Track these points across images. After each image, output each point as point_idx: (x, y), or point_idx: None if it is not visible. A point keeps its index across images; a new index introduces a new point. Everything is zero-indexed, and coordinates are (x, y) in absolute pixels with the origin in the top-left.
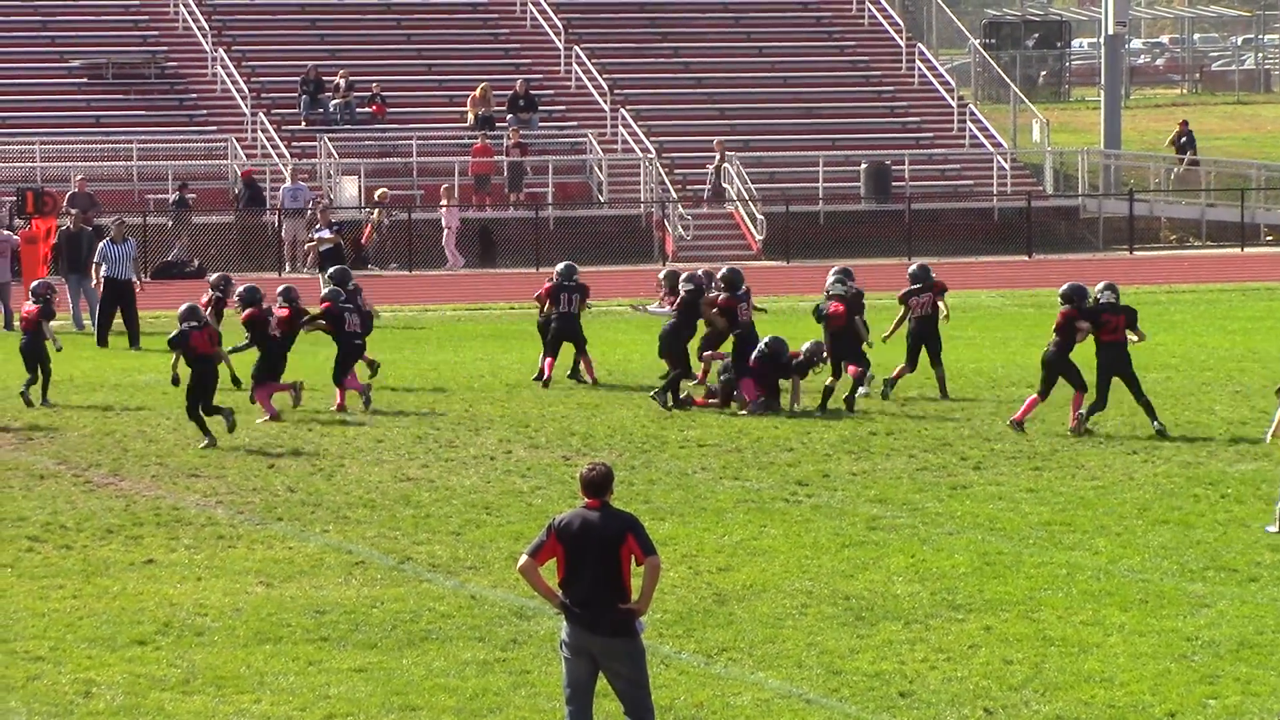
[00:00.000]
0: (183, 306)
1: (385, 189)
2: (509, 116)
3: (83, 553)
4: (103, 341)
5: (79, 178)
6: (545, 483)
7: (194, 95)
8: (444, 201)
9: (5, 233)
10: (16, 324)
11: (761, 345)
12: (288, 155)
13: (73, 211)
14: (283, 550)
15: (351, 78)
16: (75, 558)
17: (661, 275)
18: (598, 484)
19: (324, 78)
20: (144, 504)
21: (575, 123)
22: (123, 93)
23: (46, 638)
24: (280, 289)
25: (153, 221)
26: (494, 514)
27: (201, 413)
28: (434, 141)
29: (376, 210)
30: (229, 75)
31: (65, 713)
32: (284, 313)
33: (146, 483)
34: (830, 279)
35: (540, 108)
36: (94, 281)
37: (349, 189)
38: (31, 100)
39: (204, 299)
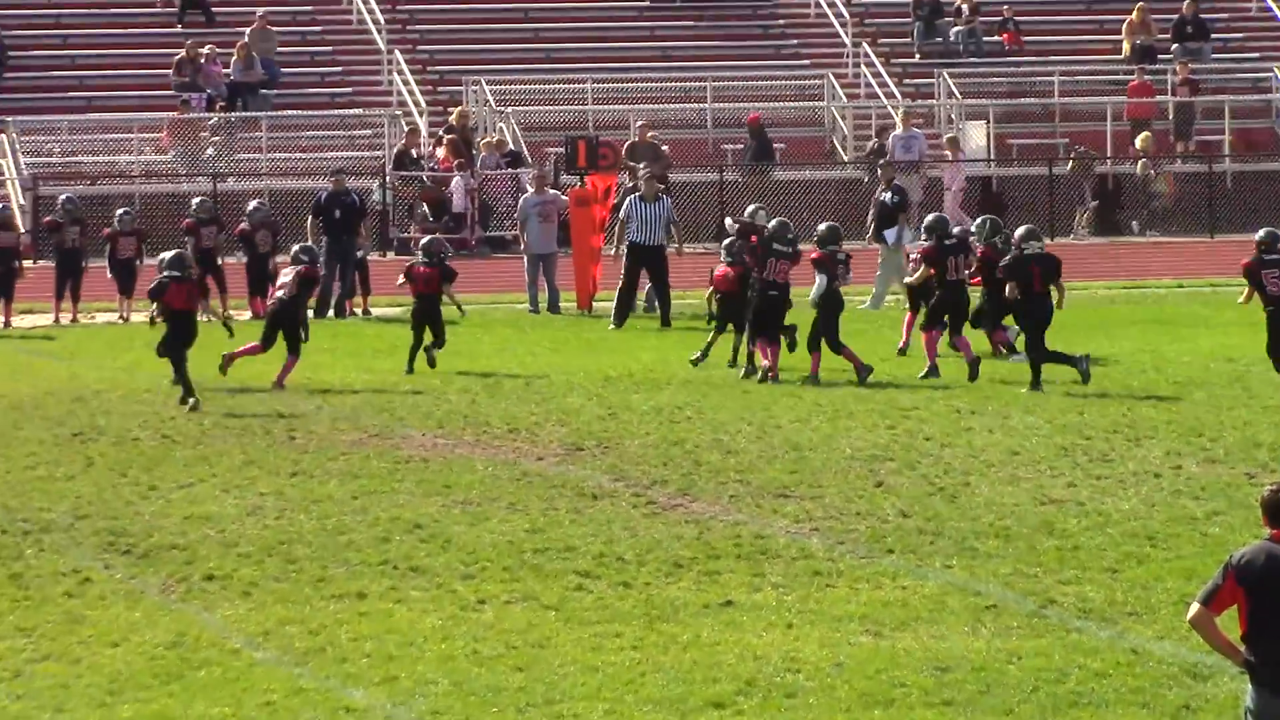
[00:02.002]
0: (167, 255)
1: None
2: (1174, 47)
3: (644, 592)
4: (618, 321)
5: (640, 124)
6: (1225, 507)
7: (781, 22)
8: (952, 152)
9: (552, 192)
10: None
11: None
12: (898, 95)
13: (633, 165)
14: (894, 591)
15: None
16: (635, 598)
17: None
18: None
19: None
20: (720, 531)
21: (1258, 54)
22: (694, 19)
23: (601, 698)
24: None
25: (729, 179)
26: (1160, 546)
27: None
28: (1079, 79)
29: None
30: None
31: None
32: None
33: (724, 504)
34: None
35: (1213, 35)
36: (615, 250)
37: (975, 137)
38: (583, 29)
39: None
